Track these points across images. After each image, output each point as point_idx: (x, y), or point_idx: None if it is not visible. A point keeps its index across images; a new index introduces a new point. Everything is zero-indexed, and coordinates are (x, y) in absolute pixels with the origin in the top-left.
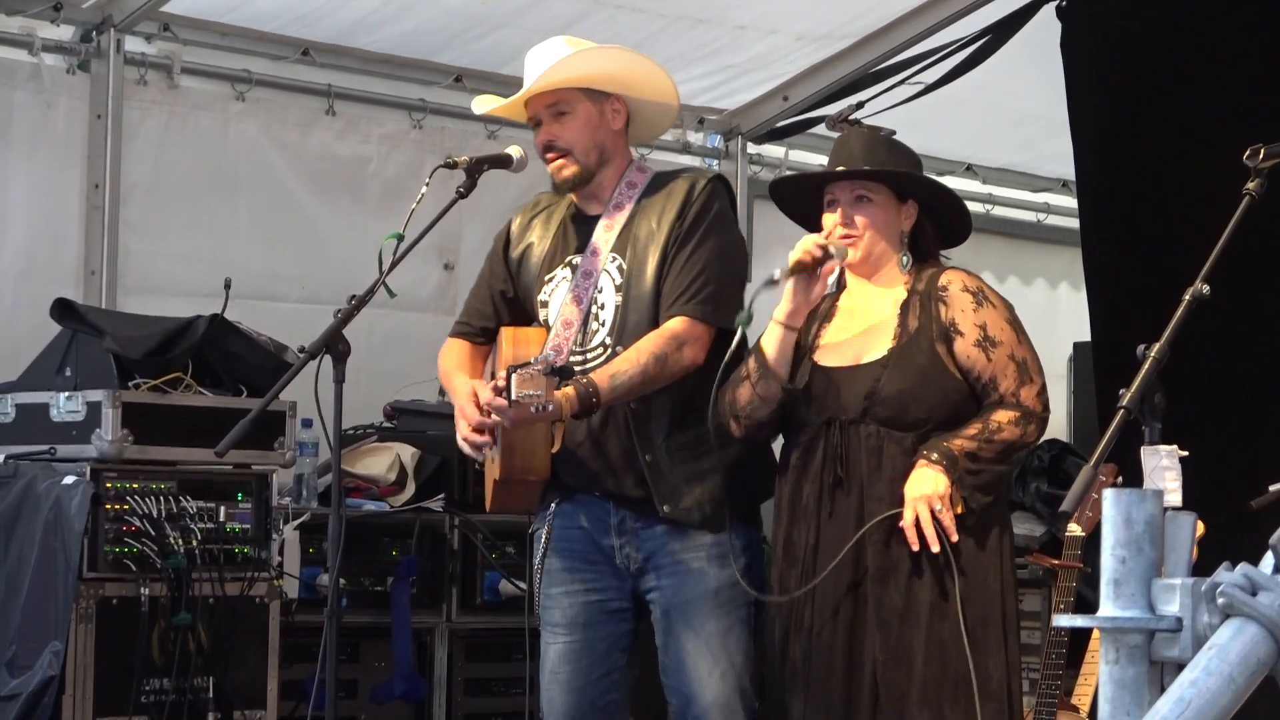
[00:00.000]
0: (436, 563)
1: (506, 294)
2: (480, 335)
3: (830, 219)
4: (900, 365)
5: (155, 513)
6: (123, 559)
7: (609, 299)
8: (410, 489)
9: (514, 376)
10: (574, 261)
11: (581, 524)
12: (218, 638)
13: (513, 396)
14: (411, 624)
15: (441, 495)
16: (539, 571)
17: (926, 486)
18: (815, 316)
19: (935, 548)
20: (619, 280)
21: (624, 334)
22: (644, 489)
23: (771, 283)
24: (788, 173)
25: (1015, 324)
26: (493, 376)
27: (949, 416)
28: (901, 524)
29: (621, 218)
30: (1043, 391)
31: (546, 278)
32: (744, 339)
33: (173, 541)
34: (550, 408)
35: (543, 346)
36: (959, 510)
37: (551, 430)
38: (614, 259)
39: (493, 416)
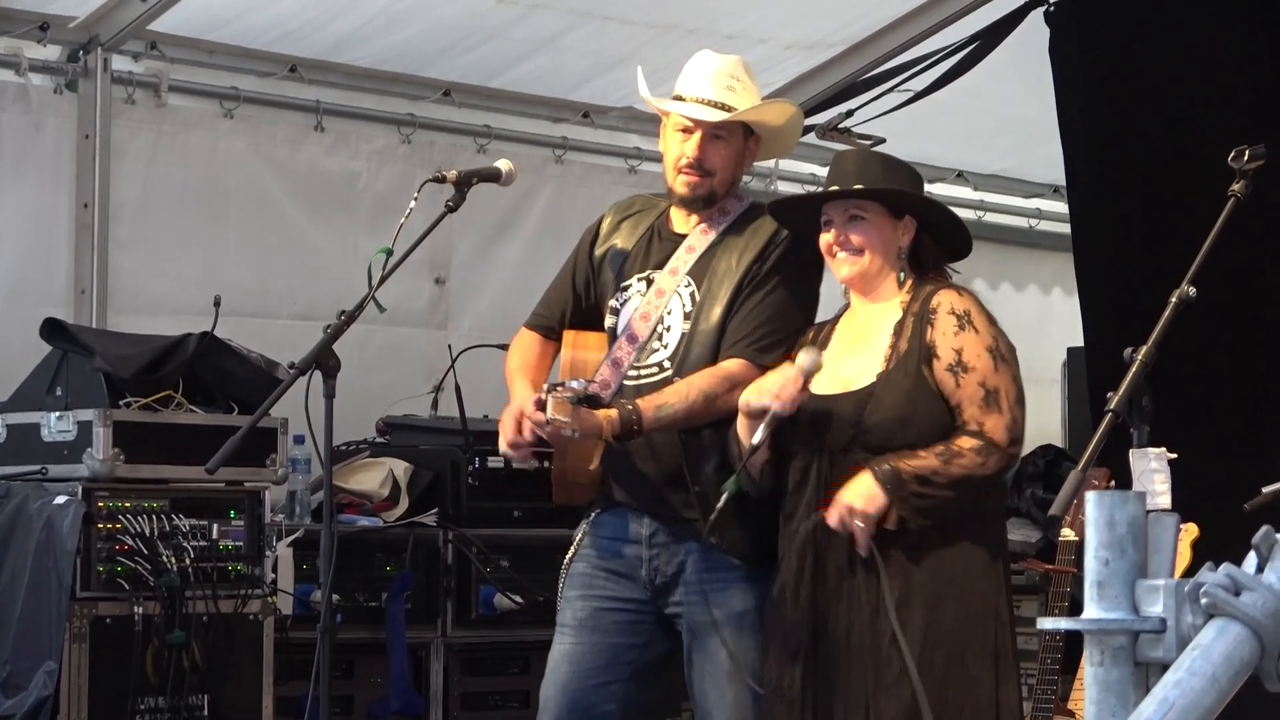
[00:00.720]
0: (431, 577)
1: (587, 287)
2: (555, 327)
3: (826, 238)
4: (887, 391)
5: (148, 531)
6: (116, 578)
7: (676, 323)
8: (404, 504)
9: (550, 398)
10: (651, 276)
11: (614, 535)
12: (212, 656)
13: (547, 416)
14: (407, 639)
15: (435, 510)
16: (565, 572)
17: (857, 498)
18: (816, 340)
19: (863, 552)
20: (689, 308)
21: (684, 365)
22: (694, 512)
23: (754, 449)
24: (780, 183)
25: (995, 352)
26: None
27: (940, 441)
28: (826, 518)
29: (705, 242)
30: (1014, 425)
31: (623, 285)
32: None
33: (166, 560)
34: (576, 434)
35: (601, 352)
36: (890, 525)
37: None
38: (688, 284)
39: (529, 429)
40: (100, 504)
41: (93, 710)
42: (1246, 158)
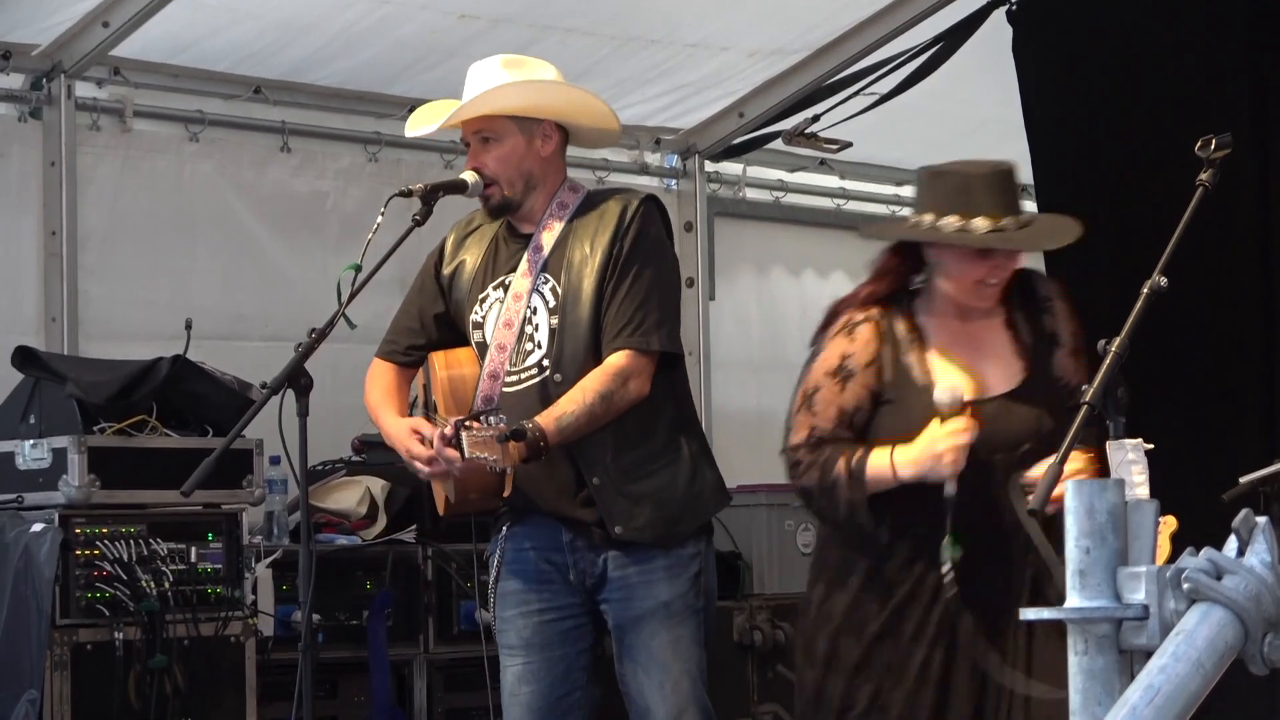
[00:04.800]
0: (411, 594)
1: (438, 313)
2: (407, 355)
3: (982, 269)
4: (1042, 392)
5: (126, 556)
6: (95, 604)
7: (543, 321)
8: (382, 522)
9: (464, 436)
10: (506, 282)
11: (533, 545)
12: (194, 679)
13: (465, 454)
14: (389, 657)
15: (413, 527)
16: (493, 594)
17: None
18: (904, 345)
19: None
20: (553, 303)
21: (561, 360)
22: (593, 511)
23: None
24: (748, 189)
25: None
26: (425, 401)
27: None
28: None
29: (552, 238)
30: None
31: (479, 297)
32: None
33: (145, 584)
34: (504, 469)
35: (475, 367)
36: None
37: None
38: (546, 280)
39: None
40: (77, 530)
41: None
42: (1214, 146)
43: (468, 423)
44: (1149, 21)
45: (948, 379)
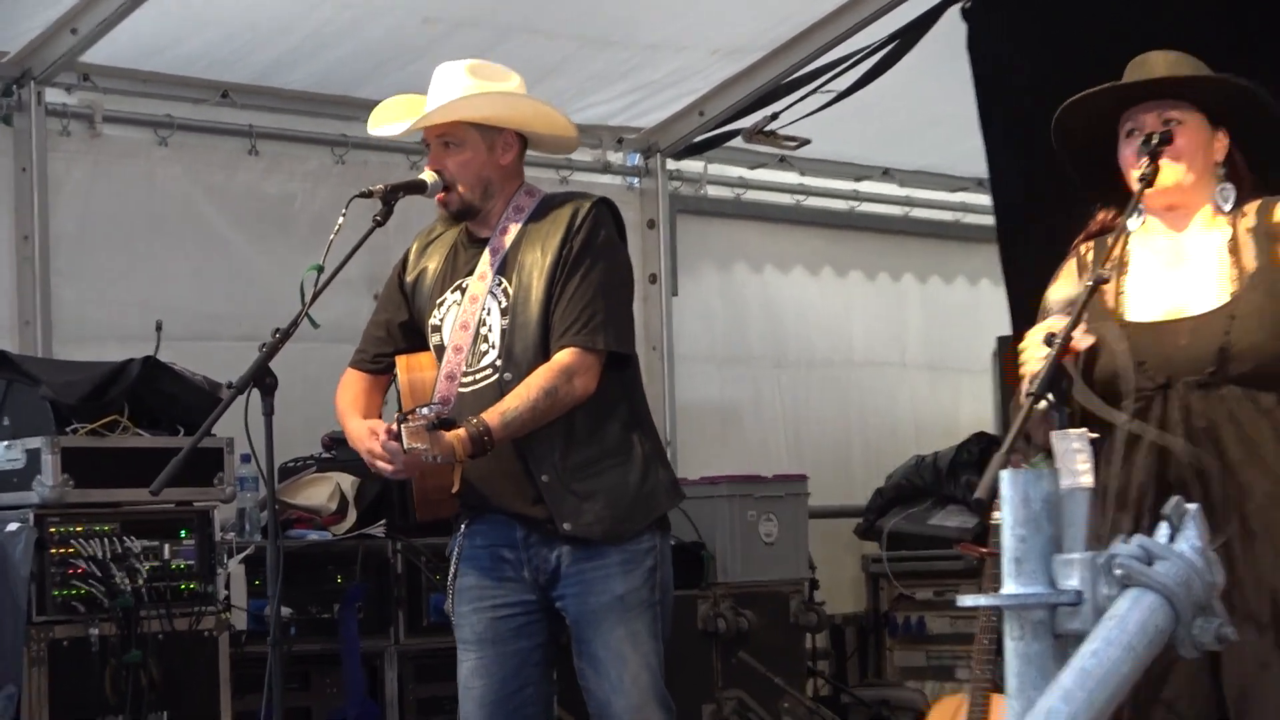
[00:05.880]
0: (382, 587)
1: (403, 321)
2: (375, 364)
3: (1131, 151)
4: (1249, 313)
5: (100, 554)
6: (71, 601)
7: (495, 323)
8: (351, 517)
9: (403, 429)
10: (463, 285)
11: (490, 542)
12: (169, 673)
13: (404, 445)
14: (361, 649)
15: (383, 521)
16: (451, 590)
17: None
18: (1107, 263)
19: None
20: (505, 304)
21: (510, 359)
22: (544, 508)
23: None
24: (709, 186)
25: None
26: (399, 405)
27: None
28: None
29: (507, 241)
30: None
31: (438, 301)
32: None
33: (119, 581)
34: (439, 459)
35: (434, 370)
36: None
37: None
38: (499, 282)
39: (386, 459)
40: (52, 529)
41: None
42: (1155, 141)
43: (407, 416)
44: (1100, 17)
45: (1139, 299)
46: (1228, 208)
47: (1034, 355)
